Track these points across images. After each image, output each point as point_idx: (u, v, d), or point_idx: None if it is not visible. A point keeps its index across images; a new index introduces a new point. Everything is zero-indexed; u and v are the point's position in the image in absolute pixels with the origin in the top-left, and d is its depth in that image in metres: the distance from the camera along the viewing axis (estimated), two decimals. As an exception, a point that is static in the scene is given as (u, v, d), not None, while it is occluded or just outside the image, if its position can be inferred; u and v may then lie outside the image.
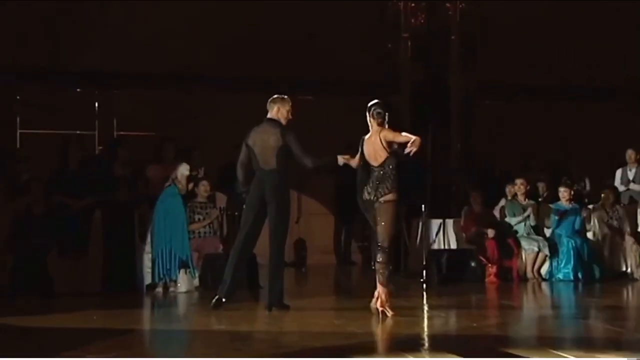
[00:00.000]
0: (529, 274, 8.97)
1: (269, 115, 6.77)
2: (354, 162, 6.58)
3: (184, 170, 8.08)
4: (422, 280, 8.85)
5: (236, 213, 9.18)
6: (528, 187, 9.39)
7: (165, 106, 10.58)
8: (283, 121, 6.69)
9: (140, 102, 10.58)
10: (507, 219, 9.25)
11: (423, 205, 9.24)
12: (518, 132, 11.42)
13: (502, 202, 9.48)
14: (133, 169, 8.67)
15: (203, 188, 8.62)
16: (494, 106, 11.70)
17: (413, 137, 6.30)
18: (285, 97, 6.80)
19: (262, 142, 6.65)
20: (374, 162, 6.45)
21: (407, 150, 6.28)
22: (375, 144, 6.44)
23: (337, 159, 6.61)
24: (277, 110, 6.71)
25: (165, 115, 10.47)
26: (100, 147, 10.22)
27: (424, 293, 8.25)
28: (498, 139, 11.31)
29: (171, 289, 7.99)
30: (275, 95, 6.81)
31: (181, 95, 10.76)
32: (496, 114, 11.55)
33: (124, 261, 8.05)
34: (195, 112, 10.71)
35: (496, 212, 9.42)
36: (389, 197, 6.40)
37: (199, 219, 8.58)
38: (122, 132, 10.58)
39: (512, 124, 11.49)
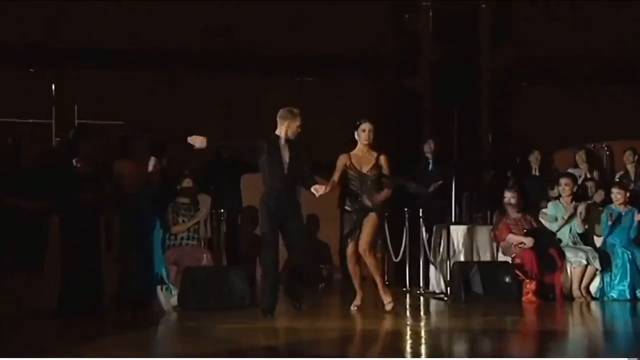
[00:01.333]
0: (576, 292, 8.94)
1: (277, 132, 7.78)
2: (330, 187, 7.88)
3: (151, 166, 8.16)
4: (445, 298, 8.89)
5: (222, 218, 9.20)
6: (575, 188, 9.37)
7: (138, 90, 10.63)
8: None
9: (106, 85, 10.60)
10: (548, 225, 9.24)
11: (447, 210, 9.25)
12: (563, 120, 11.40)
13: (543, 205, 9.47)
14: (98, 165, 8.63)
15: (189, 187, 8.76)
16: (533, 89, 11.68)
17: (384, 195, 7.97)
18: (295, 110, 7.75)
19: None
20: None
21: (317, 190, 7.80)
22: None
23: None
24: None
25: (138, 101, 10.51)
26: (58, 139, 10.19)
27: (448, 313, 8.34)
28: (538, 129, 11.28)
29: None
30: (285, 110, 7.73)
31: (158, 77, 10.79)
32: (536, 98, 11.54)
33: (86, 275, 7.99)
34: (175, 98, 10.73)
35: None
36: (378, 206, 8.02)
37: (182, 221, 8.77)
38: (84, 121, 10.55)
39: (555, 110, 11.47)
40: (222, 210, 9.22)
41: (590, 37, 11.46)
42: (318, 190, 7.77)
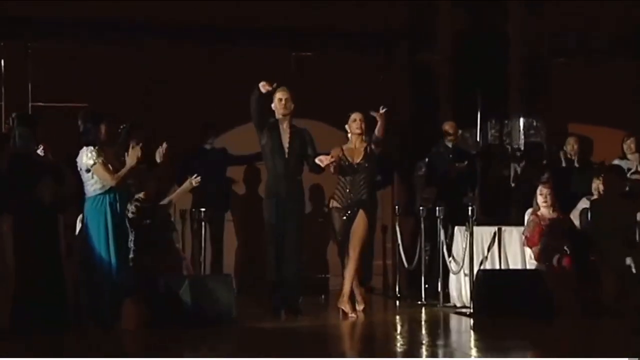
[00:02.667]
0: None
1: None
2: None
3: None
4: (468, 313, 8.93)
5: (203, 218, 9.16)
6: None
7: (102, 66, 10.57)
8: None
9: (65, 61, 10.54)
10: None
11: (470, 208, 9.24)
12: (608, 103, 11.32)
13: (584, 203, 9.48)
14: (56, 155, 8.61)
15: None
16: (572, 66, 11.62)
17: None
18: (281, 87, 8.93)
19: None
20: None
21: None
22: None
23: None
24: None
25: (103, 79, 10.47)
26: (8, 124, 10.17)
27: (471, 331, 8.42)
28: (579, 112, 11.23)
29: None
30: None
31: (125, 50, 10.74)
32: (576, 77, 11.47)
33: (45, 286, 7.98)
34: (147, 75, 10.70)
35: (575, 218, 9.40)
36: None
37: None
38: (39, 103, 10.56)
39: (598, 91, 11.41)
40: (203, 209, 9.18)
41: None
42: (323, 160, 8.71)
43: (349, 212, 8.91)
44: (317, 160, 8.76)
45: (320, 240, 10.95)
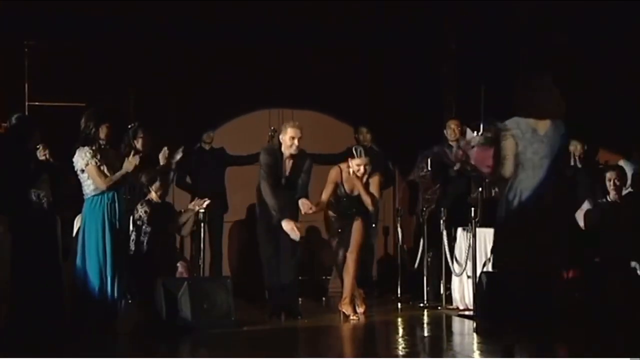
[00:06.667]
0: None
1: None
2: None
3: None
4: (471, 317, 9.07)
5: (202, 220, 9.33)
6: (627, 184, 9.44)
7: (102, 65, 10.66)
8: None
9: (63, 59, 10.64)
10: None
11: (473, 209, 9.38)
12: (617, 99, 11.12)
13: (588, 204, 9.54)
14: (54, 155, 8.77)
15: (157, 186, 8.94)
16: (578, 63, 11.26)
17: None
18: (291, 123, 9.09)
19: None
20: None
21: None
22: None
23: None
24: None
25: (102, 79, 10.57)
26: (5, 124, 10.27)
27: (474, 333, 8.43)
28: (591, 102, 10.88)
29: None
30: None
31: (125, 48, 10.80)
32: (580, 75, 11.10)
33: (43, 290, 8.07)
34: (145, 73, 10.78)
35: (579, 219, 9.47)
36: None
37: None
38: (37, 103, 10.65)
39: (609, 87, 11.10)
40: (202, 210, 9.31)
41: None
42: (304, 206, 8.83)
43: (346, 220, 9.22)
44: (299, 203, 8.90)
45: (319, 242, 11.01)
